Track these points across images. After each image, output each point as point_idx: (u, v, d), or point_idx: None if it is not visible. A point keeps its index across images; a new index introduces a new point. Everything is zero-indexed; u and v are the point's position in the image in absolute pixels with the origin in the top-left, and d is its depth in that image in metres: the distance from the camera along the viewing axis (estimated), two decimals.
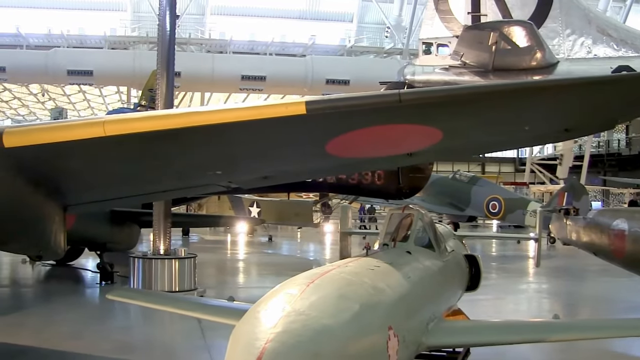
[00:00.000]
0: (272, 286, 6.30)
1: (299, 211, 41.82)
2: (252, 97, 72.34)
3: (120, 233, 22.75)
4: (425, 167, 22.91)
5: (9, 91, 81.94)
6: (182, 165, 10.57)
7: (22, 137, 9.11)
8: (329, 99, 8.23)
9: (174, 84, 20.40)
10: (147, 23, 74.15)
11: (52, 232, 11.01)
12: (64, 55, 66.18)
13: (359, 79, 61.94)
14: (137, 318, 16.09)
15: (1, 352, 12.33)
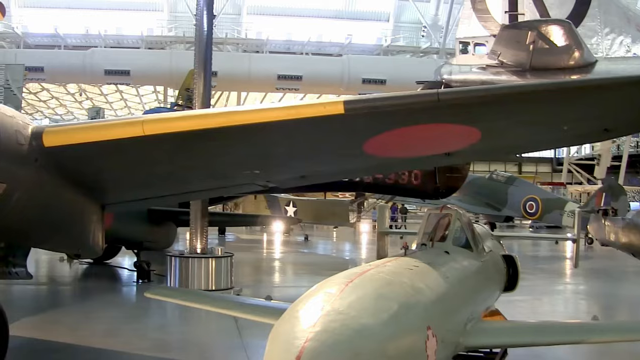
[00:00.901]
0: (308, 286, 6.29)
1: (335, 211, 41.82)
2: (288, 96, 72.43)
3: (157, 232, 22.85)
4: (462, 167, 22.84)
5: (47, 91, 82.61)
6: (220, 164, 10.59)
7: (61, 137, 9.18)
8: (367, 99, 8.21)
9: (211, 83, 20.45)
10: (183, 23, 74.53)
11: (91, 231, 11.07)
12: (102, 55, 66.82)
13: (395, 79, 61.87)
14: (173, 316, 16.16)
15: (39, 349, 12.41)
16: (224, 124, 8.47)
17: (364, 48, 79.38)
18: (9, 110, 8.94)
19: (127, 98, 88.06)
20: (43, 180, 9.25)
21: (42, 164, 9.09)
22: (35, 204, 9.28)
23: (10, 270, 10.96)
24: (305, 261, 31.23)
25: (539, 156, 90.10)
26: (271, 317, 7.55)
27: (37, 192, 9.20)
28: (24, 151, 8.78)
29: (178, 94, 46.56)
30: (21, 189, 8.77)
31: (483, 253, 10.12)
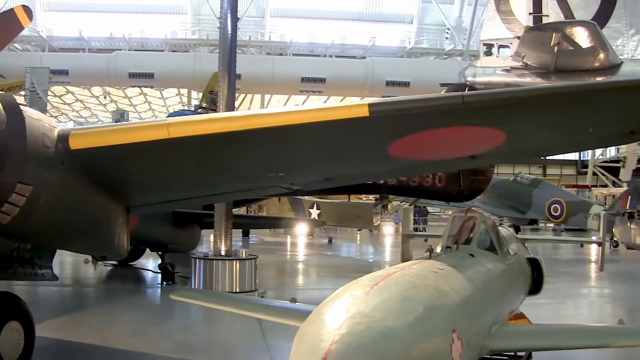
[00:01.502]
0: (332, 288, 6.31)
1: (359, 213, 41.74)
2: (311, 99, 72.43)
3: (182, 234, 22.93)
4: (487, 170, 22.74)
5: (71, 94, 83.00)
6: (244, 167, 10.60)
7: (87, 139, 9.24)
8: (391, 101, 8.20)
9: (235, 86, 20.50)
10: (207, 26, 74.61)
11: (116, 233, 11.11)
12: (126, 58, 67.07)
13: (419, 81, 61.74)
14: (197, 318, 16.19)
15: (64, 350, 12.48)
16: (249, 126, 8.49)
17: (388, 50, 79.26)
18: (36, 113, 9.00)
19: (151, 101, 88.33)
20: (69, 183, 9.30)
21: (68, 167, 9.14)
22: (61, 206, 9.32)
23: (37, 271, 11.04)
24: (328, 263, 31.22)
25: (563, 158, 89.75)
26: (296, 320, 7.57)
27: (63, 194, 9.25)
28: (50, 154, 8.84)
29: (202, 97, 46.81)
30: (47, 192, 8.82)
31: (508, 256, 10.10)
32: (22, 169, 8.32)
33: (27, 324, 10.09)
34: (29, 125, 8.50)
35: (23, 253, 10.66)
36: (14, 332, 9.79)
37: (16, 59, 56.75)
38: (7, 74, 43.89)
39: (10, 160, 8.16)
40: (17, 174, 8.27)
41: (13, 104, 8.49)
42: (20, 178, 8.32)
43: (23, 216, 8.62)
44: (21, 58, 59.92)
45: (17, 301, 10.23)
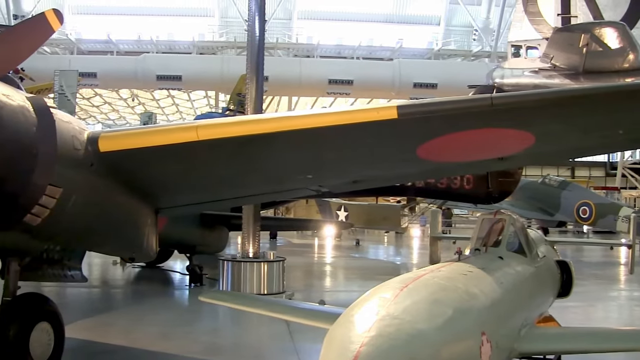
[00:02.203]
0: (359, 290, 6.30)
1: (387, 215, 41.69)
2: (339, 101, 72.47)
3: (210, 236, 22.99)
4: (515, 172, 22.65)
5: (99, 96, 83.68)
6: (273, 169, 10.62)
7: (116, 142, 9.31)
8: (420, 104, 8.21)
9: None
10: (234, 28, 75.00)
11: (145, 235, 11.17)
12: (154, 61, 67.50)
13: (446, 83, 61.73)
14: (225, 320, 16.21)
15: (93, 351, 12.54)
16: (278, 129, 8.52)
17: (415, 52, 79.29)
18: (66, 116, 9.06)
19: (178, 103, 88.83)
20: (98, 185, 9.36)
21: (97, 169, 9.20)
22: (91, 208, 9.38)
23: (66, 273, 11.13)
24: (356, 266, 31.21)
25: (592, 160, 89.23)
26: (325, 322, 7.57)
27: (93, 196, 9.31)
28: (80, 156, 8.90)
29: (229, 99, 46.88)
30: (77, 194, 8.87)
31: (537, 258, 10.04)
32: (52, 171, 8.38)
33: (57, 324, 10.15)
34: (59, 127, 8.56)
35: (53, 254, 10.74)
36: (44, 333, 9.85)
37: (45, 62, 57.15)
38: (36, 76, 44.22)
39: (40, 163, 8.21)
40: (47, 176, 8.33)
41: (43, 107, 8.55)
42: (50, 180, 8.37)
43: (53, 218, 8.67)
44: (50, 61, 60.41)
45: (47, 302, 10.29)
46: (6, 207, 8.24)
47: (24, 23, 7.49)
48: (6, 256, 9.96)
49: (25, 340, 9.48)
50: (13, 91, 8.37)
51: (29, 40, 7.45)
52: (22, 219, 8.50)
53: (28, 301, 10.08)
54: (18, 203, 8.28)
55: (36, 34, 7.43)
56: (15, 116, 8.02)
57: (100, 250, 11.89)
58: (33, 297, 10.33)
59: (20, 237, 9.12)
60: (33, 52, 7.65)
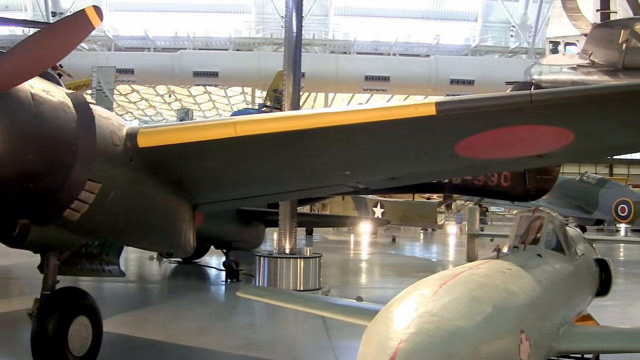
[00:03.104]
0: (395, 287, 6.31)
1: (423, 212, 41.60)
2: (375, 97, 72.37)
3: (246, 232, 23.02)
4: (553, 169, 22.54)
5: (137, 92, 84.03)
6: (310, 165, 10.63)
7: (155, 138, 9.36)
8: (459, 100, 8.17)
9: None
10: (271, 25, 75.15)
11: (183, 230, 11.22)
12: (190, 57, 67.83)
13: (483, 79, 61.46)
14: (261, 316, 16.25)
15: (130, 345, 12.59)
16: (316, 125, 8.52)
17: (452, 48, 78.95)
18: (105, 112, 9.13)
19: (215, 99, 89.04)
20: (137, 181, 9.42)
21: (136, 165, 9.26)
22: (129, 203, 9.46)
23: (104, 267, 11.20)
24: (391, 263, 31.11)
25: (631, 157, 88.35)
26: (362, 319, 7.57)
27: (131, 191, 9.37)
28: (119, 152, 8.97)
29: (266, 95, 46.94)
30: (116, 189, 8.94)
31: (576, 256, 9.96)
32: (92, 167, 8.45)
33: (95, 319, 10.20)
34: (99, 123, 8.63)
35: (91, 249, 10.82)
36: (82, 327, 9.90)
37: (83, 58, 57.62)
38: (74, 73, 44.56)
39: (80, 158, 8.28)
40: (86, 171, 8.39)
41: (83, 103, 8.62)
42: (89, 176, 8.44)
43: (92, 213, 8.74)
44: (88, 57, 60.85)
45: (85, 296, 10.35)
46: (46, 202, 8.32)
47: (64, 20, 7.52)
48: (45, 251, 10.02)
49: (64, 334, 9.53)
50: (53, 87, 8.44)
51: (69, 37, 7.50)
52: (62, 214, 8.58)
53: (67, 295, 10.13)
54: (58, 198, 8.35)
55: (76, 30, 7.47)
56: (56, 112, 8.09)
57: (138, 245, 11.97)
58: (72, 291, 10.38)
59: (59, 232, 9.19)
60: (73, 49, 7.70)
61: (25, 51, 7.39)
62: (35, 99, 7.85)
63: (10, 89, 7.52)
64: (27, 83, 7.76)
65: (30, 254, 10.20)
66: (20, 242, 9.04)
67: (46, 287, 9.97)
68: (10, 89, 7.51)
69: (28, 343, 9.63)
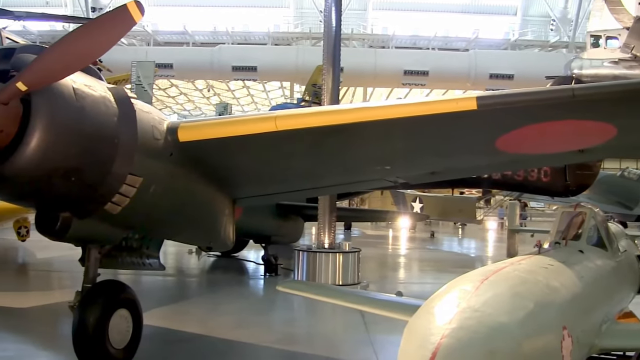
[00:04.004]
0: (434, 282, 6.31)
1: (462, 207, 41.48)
2: (414, 92, 72.19)
3: (285, 226, 23.07)
4: (594, 164, 22.30)
5: (175, 87, 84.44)
6: (351, 160, 10.62)
7: (196, 132, 9.40)
8: (500, 95, 8.12)
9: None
10: (309, 19, 75.24)
11: (222, 224, 11.26)
12: (229, 52, 68.10)
13: (523, 74, 61.06)
14: (299, 310, 16.30)
15: (170, 339, 12.70)
16: (357, 119, 8.50)
17: (491, 43, 78.48)
18: (146, 106, 9.18)
19: (253, 94, 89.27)
20: (177, 174, 9.47)
21: (176, 159, 9.31)
22: (170, 197, 9.50)
23: (144, 261, 11.26)
24: (430, 258, 31.07)
25: None
26: (403, 313, 7.56)
27: (172, 185, 9.42)
28: (159, 146, 9.02)
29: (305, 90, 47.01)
30: (156, 183, 8.99)
31: (618, 253, 9.88)
32: (133, 161, 8.50)
33: (135, 312, 10.27)
34: (139, 117, 8.68)
35: (132, 242, 10.88)
36: (122, 320, 9.97)
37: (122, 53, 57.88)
38: (114, 67, 44.82)
39: (121, 152, 8.34)
40: (127, 165, 8.45)
41: (124, 97, 8.67)
42: (130, 169, 8.50)
43: (133, 207, 8.81)
44: (127, 52, 61.14)
45: (126, 289, 10.41)
46: (88, 195, 8.38)
47: (106, 15, 7.58)
48: (87, 244, 10.09)
49: (104, 326, 9.60)
50: (95, 82, 8.50)
51: (110, 32, 7.55)
52: (103, 207, 8.66)
53: (107, 288, 10.21)
54: (99, 191, 8.42)
55: (118, 25, 7.52)
56: (97, 107, 8.14)
57: (178, 238, 12.03)
58: (112, 284, 10.46)
59: (100, 225, 9.25)
60: (115, 44, 7.75)
61: (67, 46, 7.45)
62: (77, 94, 7.90)
63: (53, 84, 7.58)
64: (70, 78, 7.82)
65: (71, 247, 10.28)
66: (62, 235, 9.10)
67: (87, 279, 10.05)
68: (53, 83, 7.58)
69: (69, 335, 9.72)
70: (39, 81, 7.38)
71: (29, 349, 11.80)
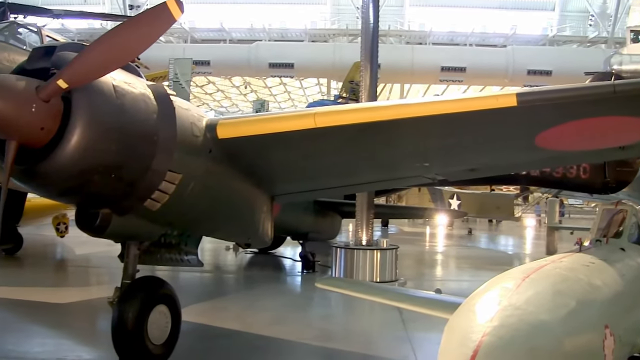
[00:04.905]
0: (471, 280, 6.29)
1: (500, 204, 41.28)
2: (451, 88, 71.92)
3: (323, 223, 23.05)
4: (634, 161, 22.06)
5: (212, 84, 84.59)
6: (389, 157, 10.61)
7: (235, 129, 9.43)
8: (540, 91, 8.07)
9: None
10: (346, 16, 75.13)
11: (261, 221, 11.30)
12: (266, 49, 68.14)
13: (561, 70, 60.60)
14: (337, 307, 16.31)
15: (208, 334, 12.76)
16: (395, 116, 8.50)
17: (529, 38, 77.83)
18: (185, 103, 9.24)
19: (290, 90, 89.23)
20: (216, 171, 9.52)
21: (215, 155, 9.36)
22: (209, 193, 9.55)
23: (183, 257, 11.30)
24: (467, 255, 30.93)
25: None
26: (442, 311, 7.54)
27: (211, 182, 9.47)
28: (198, 143, 9.07)
29: (342, 87, 46.95)
30: (195, 180, 9.04)
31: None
32: (172, 158, 8.56)
33: (174, 307, 10.33)
34: (179, 114, 8.73)
35: (170, 239, 10.91)
36: (161, 316, 10.03)
37: (160, 51, 58.07)
38: (151, 65, 44.94)
39: (160, 149, 8.39)
40: (167, 162, 8.50)
41: (164, 94, 8.72)
42: (170, 166, 8.55)
43: (172, 203, 8.87)
44: (165, 49, 61.32)
45: (164, 285, 10.48)
46: (127, 192, 8.44)
47: (146, 12, 7.61)
48: (126, 240, 10.17)
49: (143, 322, 9.68)
50: (135, 79, 8.56)
51: (151, 29, 7.58)
52: (143, 204, 8.73)
53: (146, 284, 10.30)
54: (139, 188, 8.48)
55: (158, 22, 7.56)
56: (137, 104, 8.19)
57: (217, 235, 12.09)
58: (151, 280, 10.55)
59: (140, 222, 9.32)
60: (155, 41, 7.79)
61: (108, 44, 7.50)
62: (117, 91, 7.96)
63: (93, 82, 7.64)
64: (110, 75, 7.88)
65: (109, 243, 10.35)
66: (101, 232, 9.17)
67: (126, 276, 10.14)
68: (93, 81, 7.63)
69: (108, 330, 9.80)
70: (80, 79, 7.44)
71: (68, 344, 11.89)
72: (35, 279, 18.82)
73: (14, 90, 7.37)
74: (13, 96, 7.32)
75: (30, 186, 8.20)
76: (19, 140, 7.47)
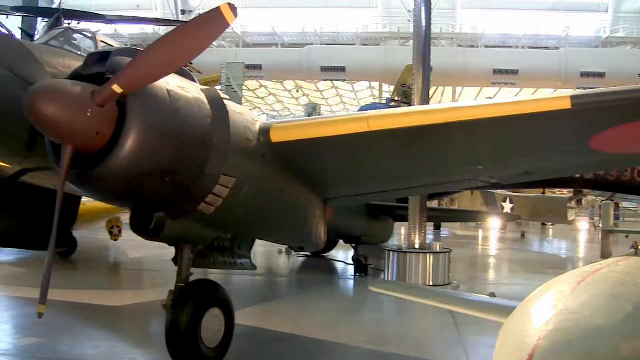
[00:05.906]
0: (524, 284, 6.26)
1: (553, 208, 41.00)
2: (503, 91, 71.54)
3: (375, 226, 23.01)
4: None
5: (264, 88, 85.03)
6: (443, 160, 10.58)
7: (288, 133, 9.48)
8: (595, 93, 7.99)
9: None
10: (397, 19, 75.01)
11: (314, 224, 11.31)
12: (318, 52, 68.31)
13: (615, 72, 59.99)
14: (389, 310, 16.30)
15: (261, 338, 12.80)
16: (449, 119, 8.47)
17: (582, 40, 77.11)
18: (238, 107, 9.30)
19: (342, 94, 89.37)
20: (270, 175, 9.58)
21: (269, 159, 9.41)
22: (262, 197, 9.61)
23: (236, 261, 11.40)
24: (520, 259, 30.72)
25: None
26: (496, 315, 7.49)
27: (264, 186, 9.53)
28: (252, 147, 9.12)
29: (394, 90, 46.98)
30: (249, 183, 9.08)
31: None
32: (226, 162, 8.61)
33: (227, 311, 10.40)
34: (232, 118, 8.79)
35: (224, 242, 11.03)
36: (215, 319, 10.11)
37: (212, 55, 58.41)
38: (204, 69, 45.35)
39: (215, 153, 8.44)
40: (221, 166, 8.56)
41: (218, 99, 8.79)
42: (224, 170, 8.61)
43: (226, 207, 8.92)
44: (217, 54, 61.70)
45: (218, 289, 10.56)
46: (182, 195, 8.51)
47: (200, 17, 7.68)
48: (180, 243, 10.26)
49: (197, 325, 9.77)
50: (189, 84, 8.64)
51: (204, 34, 7.64)
52: (197, 208, 8.79)
53: (200, 287, 10.39)
54: (193, 192, 8.54)
55: (212, 27, 7.62)
56: (191, 108, 8.26)
57: (270, 239, 12.15)
58: (205, 283, 10.62)
59: (194, 225, 9.42)
60: (209, 46, 7.85)
61: (162, 49, 7.58)
62: (171, 96, 8.03)
63: (147, 86, 7.72)
64: (164, 80, 7.95)
65: (162, 246, 10.47)
66: (156, 235, 9.28)
67: (180, 279, 10.24)
68: (147, 86, 7.71)
69: (161, 333, 9.90)
70: (134, 84, 7.52)
71: (122, 347, 11.98)
72: (90, 281, 19.06)
73: (70, 96, 7.46)
74: (69, 101, 7.42)
75: (85, 190, 8.28)
76: (75, 145, 7.57)
